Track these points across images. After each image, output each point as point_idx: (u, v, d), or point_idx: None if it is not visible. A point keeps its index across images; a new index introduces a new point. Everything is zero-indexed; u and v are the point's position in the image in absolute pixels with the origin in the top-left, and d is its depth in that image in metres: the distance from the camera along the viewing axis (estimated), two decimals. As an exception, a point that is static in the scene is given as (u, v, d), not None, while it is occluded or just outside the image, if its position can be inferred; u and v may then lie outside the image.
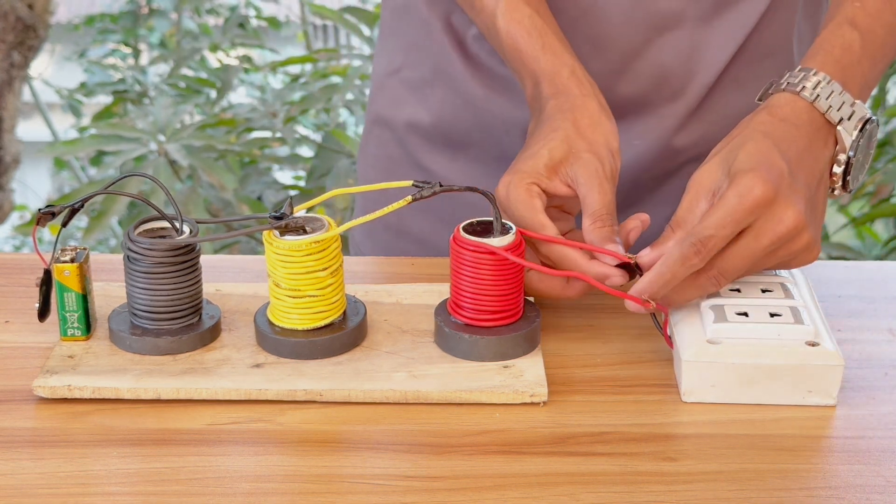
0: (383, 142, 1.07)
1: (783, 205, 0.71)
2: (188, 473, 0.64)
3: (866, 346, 0.80)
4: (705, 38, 0.93)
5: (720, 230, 0.70)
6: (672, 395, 0.73)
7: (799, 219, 0.71)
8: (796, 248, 0.73)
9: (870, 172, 2.35)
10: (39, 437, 0.68)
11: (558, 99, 0.82)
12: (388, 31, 1.06)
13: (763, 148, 0.73)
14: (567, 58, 0.84)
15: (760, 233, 0.71)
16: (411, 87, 1.03)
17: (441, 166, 1.03)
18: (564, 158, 0.78)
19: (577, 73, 0.83)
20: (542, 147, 0.79)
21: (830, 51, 0.79)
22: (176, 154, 2.19)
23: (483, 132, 1.00)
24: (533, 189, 0.77)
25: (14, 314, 0.82)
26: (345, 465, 0.66)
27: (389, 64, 1.05)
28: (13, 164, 2.78)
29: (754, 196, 0.70)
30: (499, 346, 0.74)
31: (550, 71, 0.83)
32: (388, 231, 1.06)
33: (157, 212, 0.76)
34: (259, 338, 0.76)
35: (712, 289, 0.73)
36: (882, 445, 0.68)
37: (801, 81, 0.77)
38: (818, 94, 0.76)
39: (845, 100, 0.76)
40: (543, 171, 0.78)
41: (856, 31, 0.79)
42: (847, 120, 0.76)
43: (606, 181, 0.77)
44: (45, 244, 0.72)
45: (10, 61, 2.64)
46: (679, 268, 0.71)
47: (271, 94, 2.66)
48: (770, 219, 0.71)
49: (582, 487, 0.64)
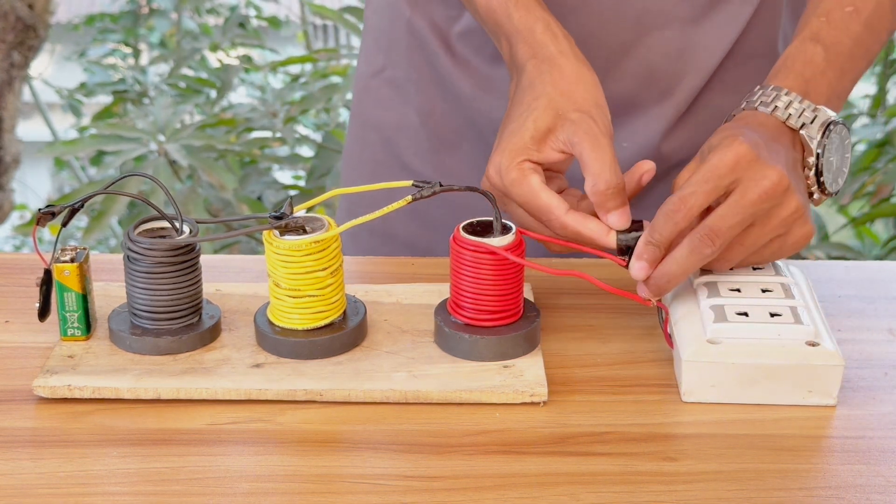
0: (368, 144, 1.05)
1: (764, 163, 0.72)
2: (188, 473, 0.64)
3: (866, 346, 0.80)
4: (694, 38, 0.93)
5: (701, 185, 0.71)
6: (672, 395, 0.73)
7: (782, 176, 0.72)
8: (787, 215, 0.73)
9: (870, 173, 2.35)
10: (39, 437, 0.68)
11: (536, 60, 0.80)
12: (371, 30, 1.05)
13: (735, 129, 0.75)
14: (540, 12, 0.83)
15: (745, 190, 0.71)
16: (396, 87, 1.02)
17: (429, 168, 1.02)
18: (552, 125, 0.77)
19: (551, 27, 0.82)
20: (527, 118, 0.78)
21: (791, 66, 0.80)
22: (176, 154, 2.19)
23: (472, 131, 1.00)
24: (525, 167, 0.76)
25: (14, 314, 0.82)
26: (345, 465, 0.66)
27: (372, 65, 1.04)
28: (13, 164, 2.78)
29: (733, 153, 0.71)
30: (499, 346, 0.74)
31: (524, 28, 0.82)
32: (374, 236, 1.05)
33: (157, 212, 0.76)
34: (259, 338, 0.76)
35: (708, 250, 0.72)
36: (882, 445, 0.68)
37: (760, 98, 0.78)
38: (776, 106, 0.77)
39: (805, 107, 0.77)
40: (531, 143, 0.77)
41: (819, 45, 0.80)
42: (809, 124, 0.77)
43: (602, 136, 0.76)
44: (45, 244, 0.72)
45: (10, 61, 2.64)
46: (665, 226, 0.72)
47: (271, 94, 2.66)
48: (753, 176, 0.72)
49: (582, 487, 0.64)
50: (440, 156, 1.01)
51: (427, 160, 1.02)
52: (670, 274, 0.73)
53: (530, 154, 0.77)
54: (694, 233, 0.72)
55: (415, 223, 1.03)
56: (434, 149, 1.01)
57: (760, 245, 0.74)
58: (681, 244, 0.72)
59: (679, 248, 0.72)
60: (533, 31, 0.82)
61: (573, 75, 0.79)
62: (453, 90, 0.99)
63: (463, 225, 0.75)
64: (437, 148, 1.01)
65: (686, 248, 0.72)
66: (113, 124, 2.36)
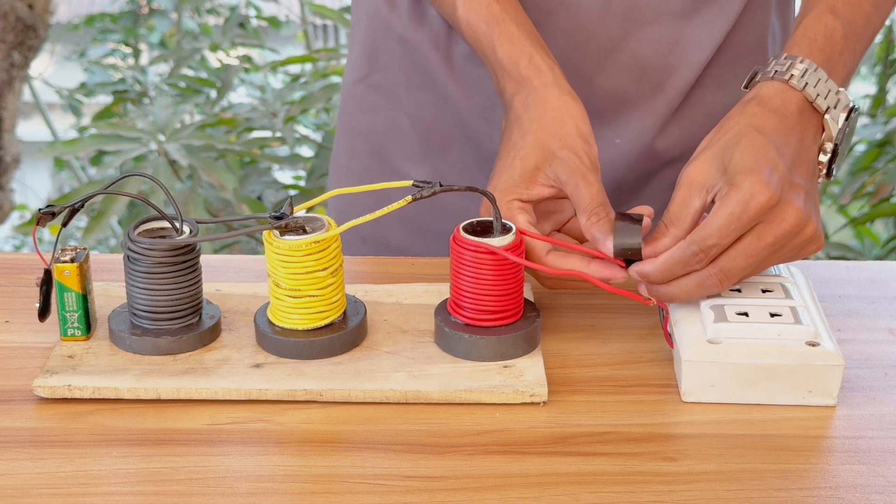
0: (356, 153, 1.05)
1: (784, 204, 0.71)
2: (188, 473, 0.64)
3: (866, 346, 0.80)
4: (684, 33, 0.93)
5: (723, 238, 0.70)
6: (672, 395, 0.73)
7: (800, 216, 0.71)
8: (801, 241, 0.73)
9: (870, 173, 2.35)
10: (39, 437, 0.68)
11: (522, 95, 0.81)
12: (355, 36, 1.04)
13: (758, 145, 0.72)
14: (525, 45, 0.83)
15: (763, 233, 0.71)
16: (383, 92, 1.02)
17: (420, 172, 1.01)
18: (540, 163, 0.78)
19: (534, 61, 0.82)
20: (515, 158, 0.78)
21: (814, 38, 0.78)
22: (176, 154, 2.19)
23: (461, 133, 0.99)
24: (513, 206, 0.77)
25: (14, 314, 0.82)
26: (345, 465, 0.66)
27: (358, 71, 1.03)
28: (13, 164, 2.78)
29: (758, 203, 0.69)
30: (499, 346, 0.74)
31: (508, 62, 0.82)
32: (366, 243, 1.04)
33: (157, 212, 0.76)
34: (259, 338, 0.76)
35: (716, 290, 0.73)
36: (882, 445, 0.68)
37: (789, 70, 0.76)
38: (807, 83, 0.75)
39: (831, 87, 0.76)
40: (520, 182, 0.78)
41: (837, 19, 0.79)
42: (834, 108, 0.76)
43: (590, 172, 0.77)
44: (45, 244, 0.72)
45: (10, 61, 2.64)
46: (679, 269, 0.72)
47: (271, 94, 2.66)
48: (772, 220, 0.71)
49: (582, 487, 0.64)
50: (431, 160, 1.01)
51: (418, 164, 1.01)
52: (671, 295, 0.74)
53: (520, 193, 0.77)
54: (705, 271, 0.72)
55: (406, 230, 1.03)
56: (424, 152, 1.01)
57: (769, 265, 0.75)
58: (690, 276, 0.73)
59: (687, 279, 0.73)
60: (517, 65, 0.82)
61: (557, 109, 0.79)
62: (444, 93, 0.98)
63: (463, 225, 0.75)
64: (428, 151, 1.01)
65: (694, 281, 0.73)
66: (113, 124, 2.36)
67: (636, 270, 0.73)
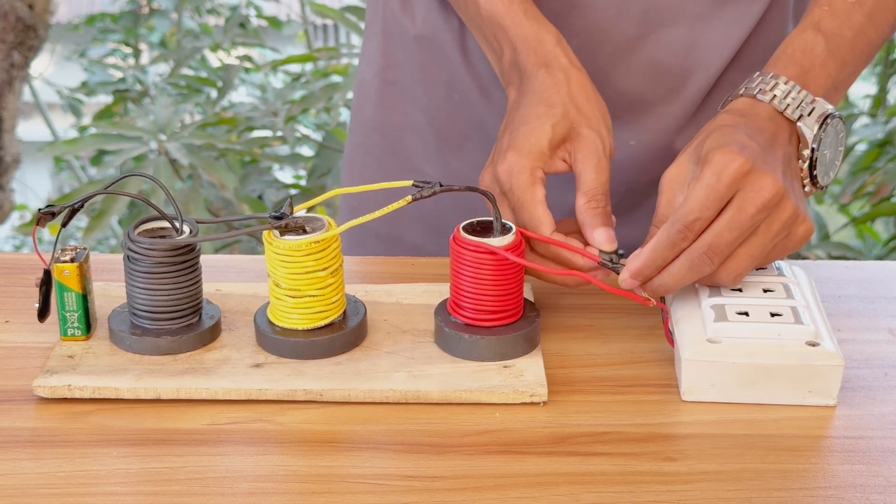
0: (372, 148, 1.05)
1: (760, 173, 0.71)
2: (188, 473, 0.64)
3: (866, 346, 0.80)
4: (702, 35, 0.93)
5: (704, 211, 0.71)
6: (672, 395, 0.73)
7: (778, 184, 0.71)
8: (785, 218, 0.72)
9: (870, 172, 2.35)
10: (39, 437, 0.68)
11: (549, 69, 0.81)
12: (370, 31, 1.04)
13: (728, 132, 0.74)
14: (551, 27, 0.83)
15: (743, 203, 0.71)
16: (399, 88, 1.02)
17: (435, 169, 1.01)
18: (567, 135, 0.78)
19: (562, 43, 0.82)
20: (545, 122, 0.78)
21: (792, 54, 0.79)
22: (176, 153, 2.19)
23: (478, 132, 0.99)
24: (537, 175, 0.77)
25: (14, 314, 0.82)
26: (345, 465, 0.66)
27: (374, 65, 1.03)
28: (13, 164, 2.78)
29: (731, 170, 0.70)
30: (499, 346, 0.74)
31: (534, 38, 0.82)
32: (380, 240, 1.05)
33: (158, 211, 0.76)
34: (259, 338, 0.76)
35: (708, 268, 0.72)
36: (882, 445, 0.68)
37: (759, 85, 0.77)
38: (775, 95, 0.76)
39: (804, 98, 0.76)
40: (547, 150, 0.77)
41: (819, 34, 0.80)
42: (807, 116, 0.76)
43: (605, 159, 0.77)
44: (45, 244, 0.72)
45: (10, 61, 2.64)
46: (668, 252, 0.72)
47: (272, 94, 2.66)
48: (750, 189, 0.71)
49: (582, 487, 0.64)
50: (446, 157, 1.01)
51: (433, 161, 1.01)
52: (666, 286, 0.74)
53: (545, 162, 0.77)
54: (693, 250, 0.72)
55: (421, 227, 1.03)
56: (439, 150, 1.01)
57: (766, 252, 0.74)
58: (679, 259, 0.72)
59: (677, 263, 0.72)
60: (543, 42, 0.82)
61: (587, 92, 0.80)
62: (462, 91, 0.98)
63: (463, 225, 0.75)
64: (443, 149, 1.01)
65: (685, 264, 0.72)
66: (113, 123, 2.36)
67: (628, 270, 0.73)
